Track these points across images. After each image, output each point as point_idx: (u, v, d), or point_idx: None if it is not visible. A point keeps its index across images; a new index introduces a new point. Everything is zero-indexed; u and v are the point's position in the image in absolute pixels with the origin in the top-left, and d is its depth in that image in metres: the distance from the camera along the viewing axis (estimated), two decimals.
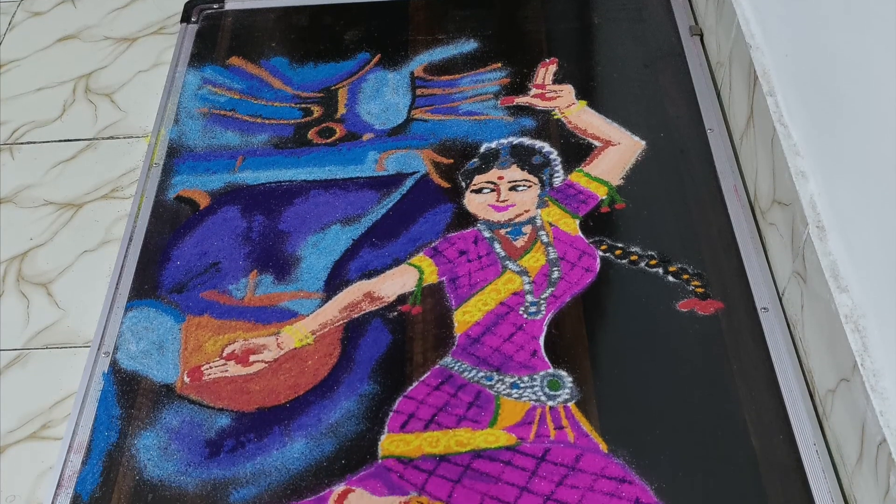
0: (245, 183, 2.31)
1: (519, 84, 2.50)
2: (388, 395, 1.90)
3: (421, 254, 2.13)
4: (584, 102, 2.43)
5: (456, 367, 1.93)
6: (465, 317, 2.01)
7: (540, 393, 1.88)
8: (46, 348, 2.13)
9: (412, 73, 2.56)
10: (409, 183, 2.28)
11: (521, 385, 1.89)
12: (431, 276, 2.09)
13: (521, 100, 2.45)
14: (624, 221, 2.16)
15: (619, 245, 2.10)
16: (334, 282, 2.10)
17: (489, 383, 1.90)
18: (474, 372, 1.92)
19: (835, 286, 1.72)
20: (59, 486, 1.82)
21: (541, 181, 2.24)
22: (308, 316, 2.05)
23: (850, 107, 1.71)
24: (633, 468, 1.76)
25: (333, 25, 2.72)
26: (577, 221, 2.15)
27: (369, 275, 2.10)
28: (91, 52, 2.82)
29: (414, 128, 2.41)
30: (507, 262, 2.08)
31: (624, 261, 2.08)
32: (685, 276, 2.04)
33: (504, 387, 1.89)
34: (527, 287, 2.04)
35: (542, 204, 2.19)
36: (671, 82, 2.46)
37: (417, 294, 2.06)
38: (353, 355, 1.97)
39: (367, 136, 2.40)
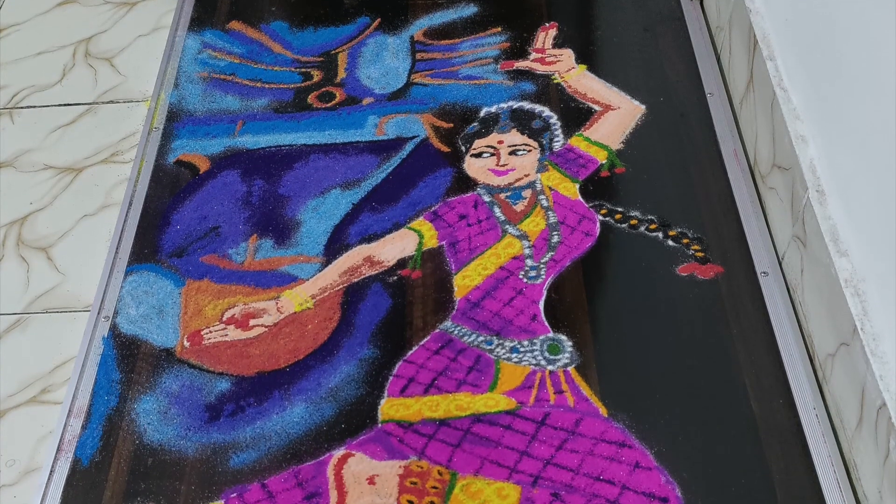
0: (245, 147, 2.31)
1: (519, 48, 2.49)
2: (387, 359, 1.90)
3: (421, 218, 2.13)
4: (583, 66, 2.42)
5: (456, 332, 1.93)
6: (465, 281, 2.01)
7: (540, 357, 1.88)
8: (46, 312, 2.13)
9: (412, 38, 2.55)
10: (408, 147, 2.28)
11: (521, 349, 1.89)
12: (431, 241, 2.09)
13: (521, 64, 2.45)
14: (624, 186, 2.15)
15: (619, 209, 2.10)
16: (334, 246, 2.10)
17: (489, 347, 1.90)
18: (474, 336, 1.92)
19: (834, 250, 1.72)
20: (58, 450, 1.83)
21: (540, 145, 2.24)
22: (308, 280, 2.05)
23: (850, 71, 1.71)
24: (633, 432, 1.76)
25: None
26: (577, 185, 2.15)
27: (369, 239, 2.10)
28: (91, 16, 2.81)
29: (414, 92, 2.41)
30: (507, 226, 2.08)
31: (624, 225, 2.07)
32: (685, 241, 2.03)
33: (504, 351, 1.89)
34: (527, 251, 2.04)
35: (541, 168, 2.19)
36: (671, 46, 2.45)
37: (417, 258, 2.06)
38: (353, 319, 1.97)
39: (366, 101, 2.40)
